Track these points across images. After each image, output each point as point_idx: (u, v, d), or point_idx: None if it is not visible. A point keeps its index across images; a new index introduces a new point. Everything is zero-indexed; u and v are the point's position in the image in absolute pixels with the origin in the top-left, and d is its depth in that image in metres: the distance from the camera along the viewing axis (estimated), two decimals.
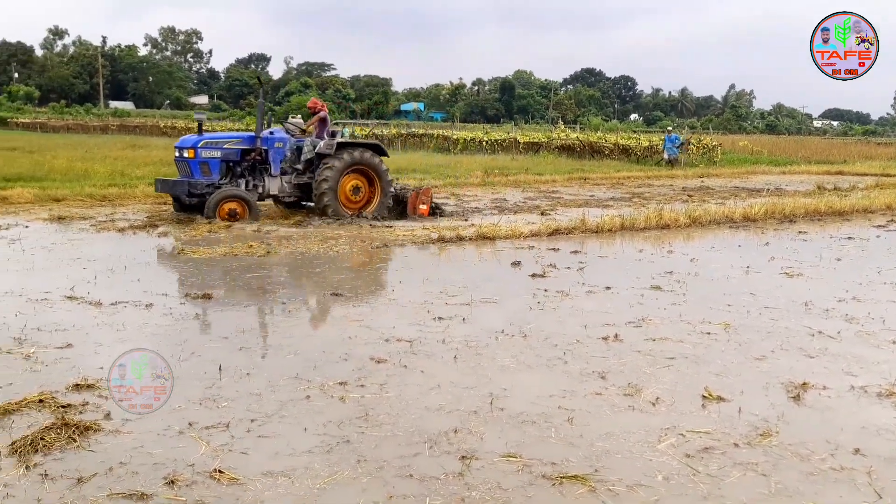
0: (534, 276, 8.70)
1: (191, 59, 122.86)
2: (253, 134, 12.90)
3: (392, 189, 13.53)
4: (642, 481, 3.76)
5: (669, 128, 38.93)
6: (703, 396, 4.94)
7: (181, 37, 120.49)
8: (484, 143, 37.40)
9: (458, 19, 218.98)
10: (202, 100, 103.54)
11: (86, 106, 79.17)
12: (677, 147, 30.65)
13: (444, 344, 5.95)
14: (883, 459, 4.08)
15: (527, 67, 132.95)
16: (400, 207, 13.62)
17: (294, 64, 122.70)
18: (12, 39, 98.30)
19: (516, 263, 9.38)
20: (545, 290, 7.94)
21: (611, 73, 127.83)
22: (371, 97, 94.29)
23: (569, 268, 9.22)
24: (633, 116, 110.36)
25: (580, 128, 53.22)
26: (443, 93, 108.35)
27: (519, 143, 36.95)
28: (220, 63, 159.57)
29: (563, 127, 44.25)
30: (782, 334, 6.48)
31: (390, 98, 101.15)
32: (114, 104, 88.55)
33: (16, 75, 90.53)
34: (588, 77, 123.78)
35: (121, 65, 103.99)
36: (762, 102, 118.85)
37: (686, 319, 6.88)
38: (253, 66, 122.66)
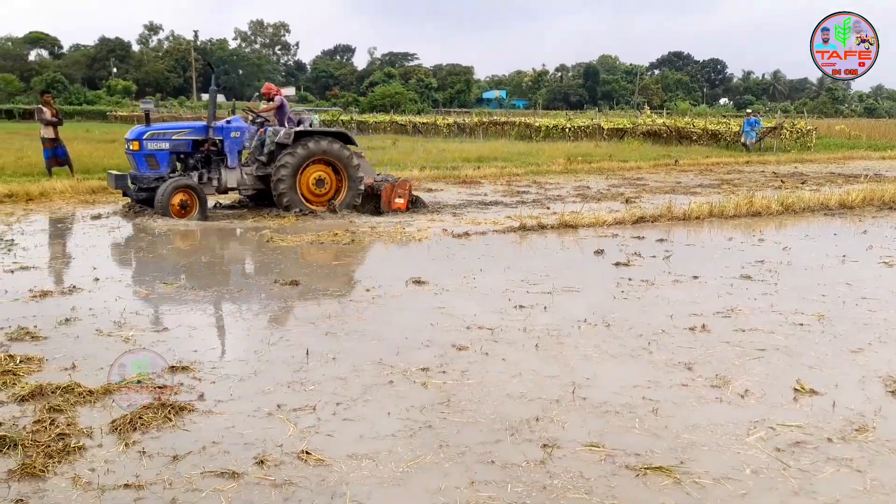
0: (617, 264, 8.57)
1: (279, 52, 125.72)
2: (205, 123, 12.13)
3: (365, 180, 12.55)
4: (730, 474, 3.67)
5: (749, 110, 37.36)
6: (795, 389, 4.79)
7: (269, 30, 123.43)
8: (567, 129, 36.94)
9: (542, 5, 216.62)
10: (290, 91, 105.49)
11: (180, 99, 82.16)
12: (756, 132, 29.64)
13: (525, 332, 5.94)
14: None
15: (612, 52, 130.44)
16: (374, 201, 12.69)
17: (378, 54, 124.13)
18: (111, 35, 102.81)
19: (599, 252, 9.27)
20: (629, 279, 7.82)
21: (699, 56, 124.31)
22: (453, 86, 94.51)
23: (654, 256, 9.05)
24: (723, 101, 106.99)
25: (667, 113, 51.97)
26: (525, 80, 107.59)
27: (603, 129, 36.34)
28: (306, 55, 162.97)
29: (649, 112, 43.21)
30: (880, 326, 6.20)
31: (472, 86, 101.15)
32: (206, 97, 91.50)
33: (114, 70, 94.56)
34: (676, 61, 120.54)
35: (212, 58, 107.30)
36: (861, 84, 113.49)
37: (778, 310, 6.67)
38: (338, 56, 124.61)
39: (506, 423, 4.22)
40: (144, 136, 11.75)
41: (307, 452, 3.82)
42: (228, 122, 12.44)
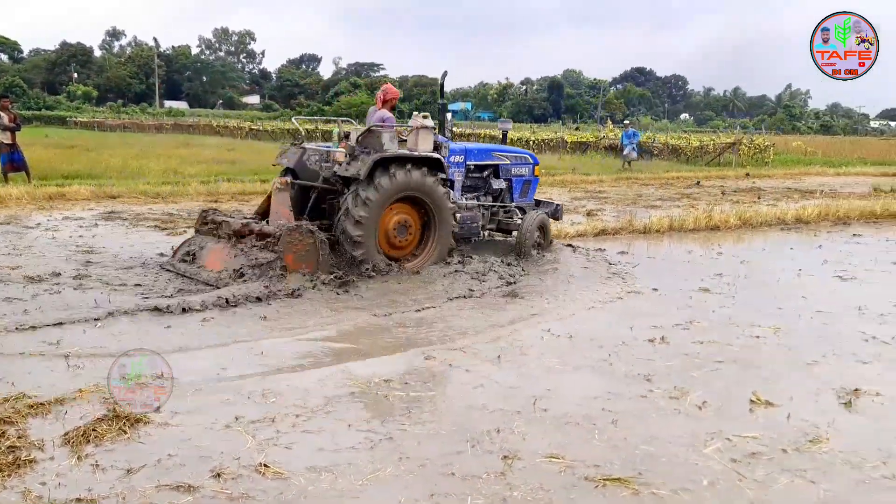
0: None
1: (244, 60, 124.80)
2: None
3: None
4: (687, 486, 3.71)
5: (626, 122, 36.42)
6: (752, 401, 4.86)
7: (234, 38, 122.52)
8: (531, 142, 37.22)
9: (510, 19, 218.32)
10: (254, 99, 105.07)
11: (142, 105, 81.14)
12: (635, 144, 28.54)
13: (488, 344, 5.95)
14: None
15: (576, 67, 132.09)
16: None
17: (343, 64, 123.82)
18: (72, 41, 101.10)
19: None
20: None
21: (661, 72, 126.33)
22: (419, 97, 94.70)
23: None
24: (684, 116, 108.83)
25: None
26: (490, 92, 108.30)
27: (566, 142, 36.68)
28: (272, 63, 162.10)
29: (611, 126, 43.66)
30: (834, 339, 6.33)
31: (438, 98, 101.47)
32: (169, 104, 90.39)
33: (75, 75, 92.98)
34: (638, 76, 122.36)
35: (176, 65, 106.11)
36: (818, 102, 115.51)
37: (735, 322, 6.77)
38: (304, 66, 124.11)
39: (467, 435, 4.21)
40: None
41: (265, 465, 3.77)
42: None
